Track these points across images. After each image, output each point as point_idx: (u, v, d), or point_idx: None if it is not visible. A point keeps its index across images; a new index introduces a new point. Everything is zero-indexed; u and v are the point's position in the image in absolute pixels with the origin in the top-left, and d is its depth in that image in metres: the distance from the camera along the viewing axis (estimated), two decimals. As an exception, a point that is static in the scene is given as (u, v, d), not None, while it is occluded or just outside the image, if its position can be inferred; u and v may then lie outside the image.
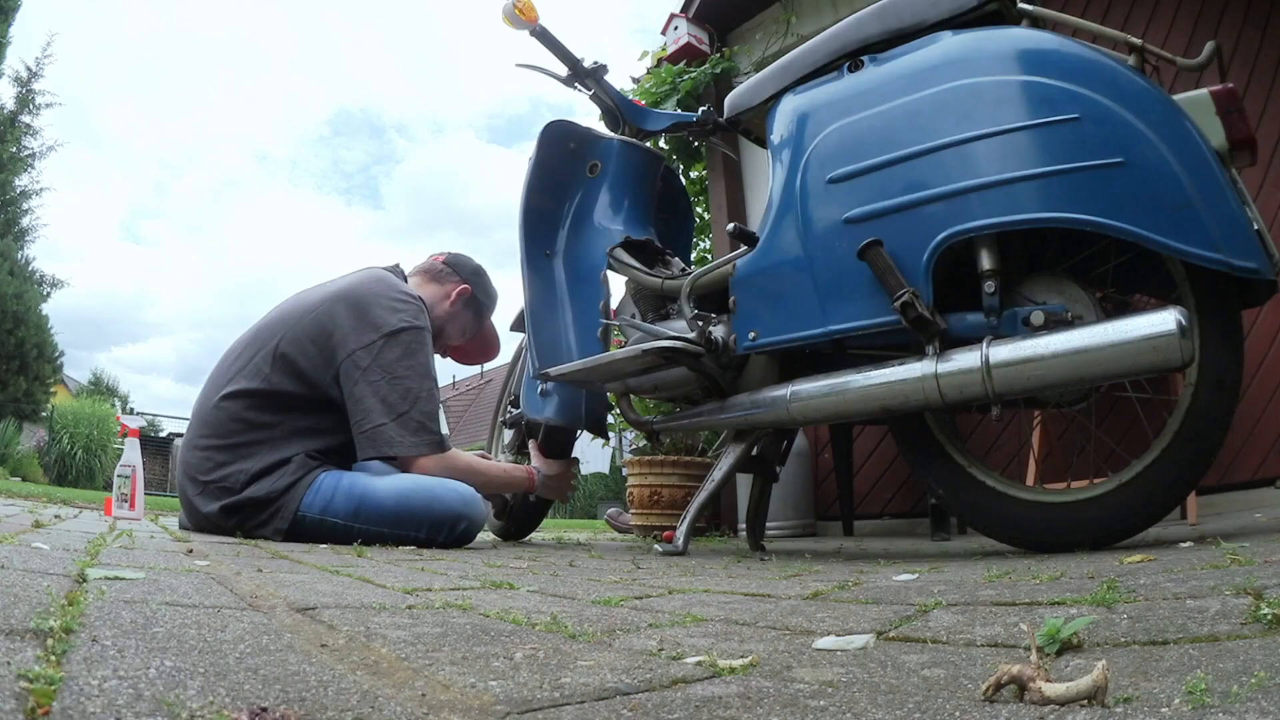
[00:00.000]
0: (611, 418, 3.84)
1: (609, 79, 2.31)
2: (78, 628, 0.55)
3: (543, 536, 3.19)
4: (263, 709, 0.41)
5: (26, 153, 12.43)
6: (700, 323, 1.83)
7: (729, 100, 1.95)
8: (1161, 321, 1.24)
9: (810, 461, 3.47)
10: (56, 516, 2.13)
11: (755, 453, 2.02)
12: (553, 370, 2.01)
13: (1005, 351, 1.38)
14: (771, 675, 0.53)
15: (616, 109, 2.32)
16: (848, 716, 0.43)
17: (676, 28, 4.11)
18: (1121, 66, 1.37)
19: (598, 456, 12.76)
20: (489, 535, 2.76)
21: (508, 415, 2.83)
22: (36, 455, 9.96)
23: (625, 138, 2.27)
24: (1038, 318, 1.43)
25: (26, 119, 12.47)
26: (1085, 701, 0.42)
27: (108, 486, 7.70)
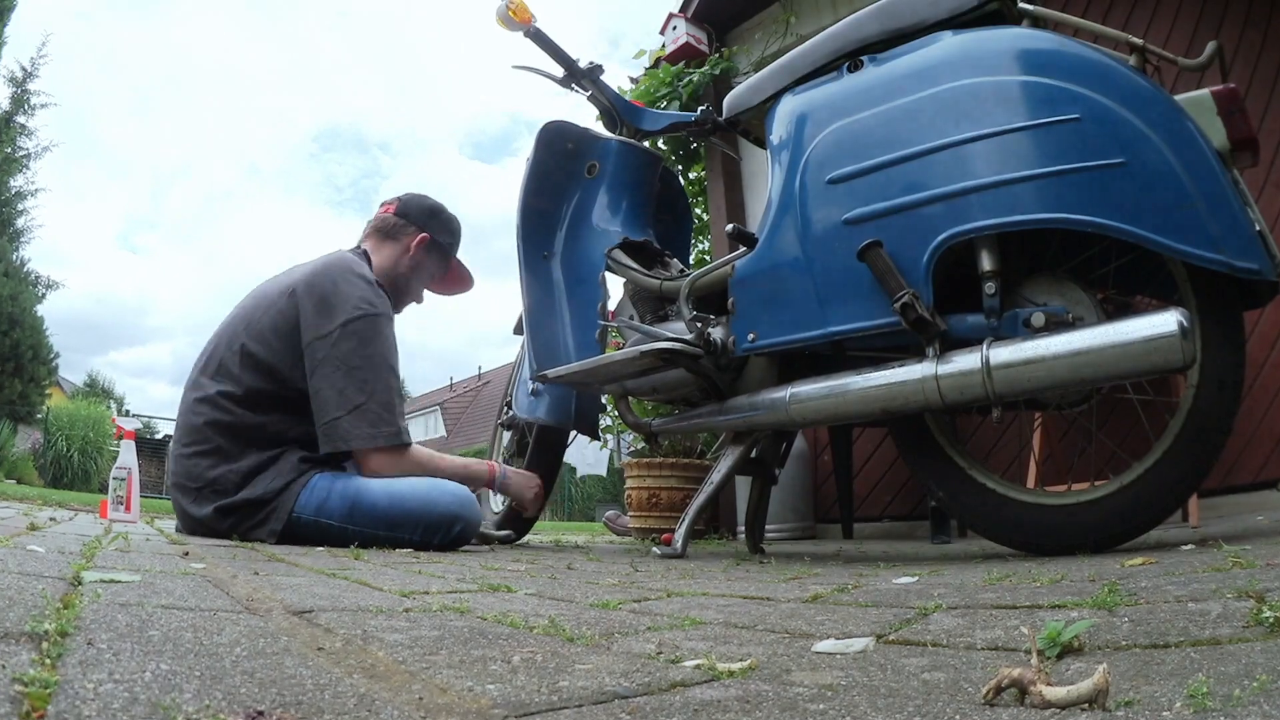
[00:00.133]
0: (609, 419, 3.85)
1: (605, 79, 2.30)
2: (73, 631, 0.55)
3: (540, 539, 3.19)
4: (259, 712, 0.41)
5: (21, 153, 12.41)
6: (699, 324, 1.82)
7: (728, 100, 1.95)
8: (1163, 323, 1.24)
9: (810, 464, 3.46)
10: (52, 519, 2.13)
11: (754, 455, 2.02)
12: (551, 372, 2.01)
13: (1006, 353, 1.38)
14: (770, 679, 0.53)
15: (613, 109, 2.31)
16: (848, 721, 0.43)
17: (675, 27, 4.10)
18: (1123, 67, 1.37)
19: (596, 459, 12.72)
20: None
21: (505, 417, 2.82)
22: (31, 457, 9.95)
23: (623, 138, 2.26)
24: (1038, 319, 1.43)
25: (21, 119, 12.46)
26: (1086, 705, 0.42)
27: (103, 489, 7.69)
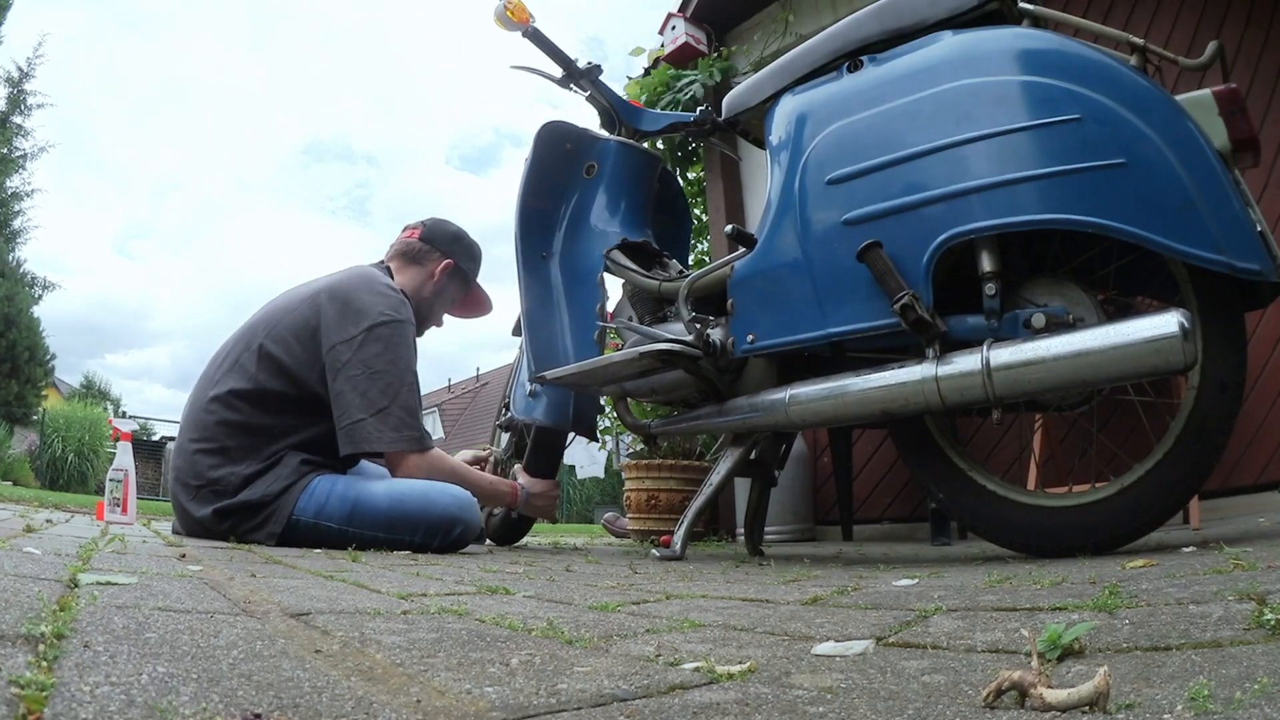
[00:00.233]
0: (608, 421, 3.85)
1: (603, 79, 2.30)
2: (69, 633, 0.54)
3: (539, 541, 3.19)
4: (256, 715, 0.41)
5: (18, 153, 12.38)
6: (698, 325, 1.82)
7: (727, 100, 1.95)
8: (1164, 324, 1.24)
9: (809, 465, 3.46)
10: (48, 521, 2.13)
11: (753, 456, 2.01)
12: (549, 373, 2.00)
13: (1006, 354, 1.38)
14: (770, 681, 0.53)
15: (612, 110, 2.30)
16: (848, 724, 0.43)
17: (674, 27, 4.10)
18: (1123, 67, 1.37)
19: (594, 461, 12.73)
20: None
21: (503, 418, 2.82)
22: (28, 459, 9.93)
23: (622, 138, 2.26)
24: (1039, 320, 1.43)
25: (18, 119, 12.44)
26: (1087, 708, 0.42)
27: (100, 491, 7.68)
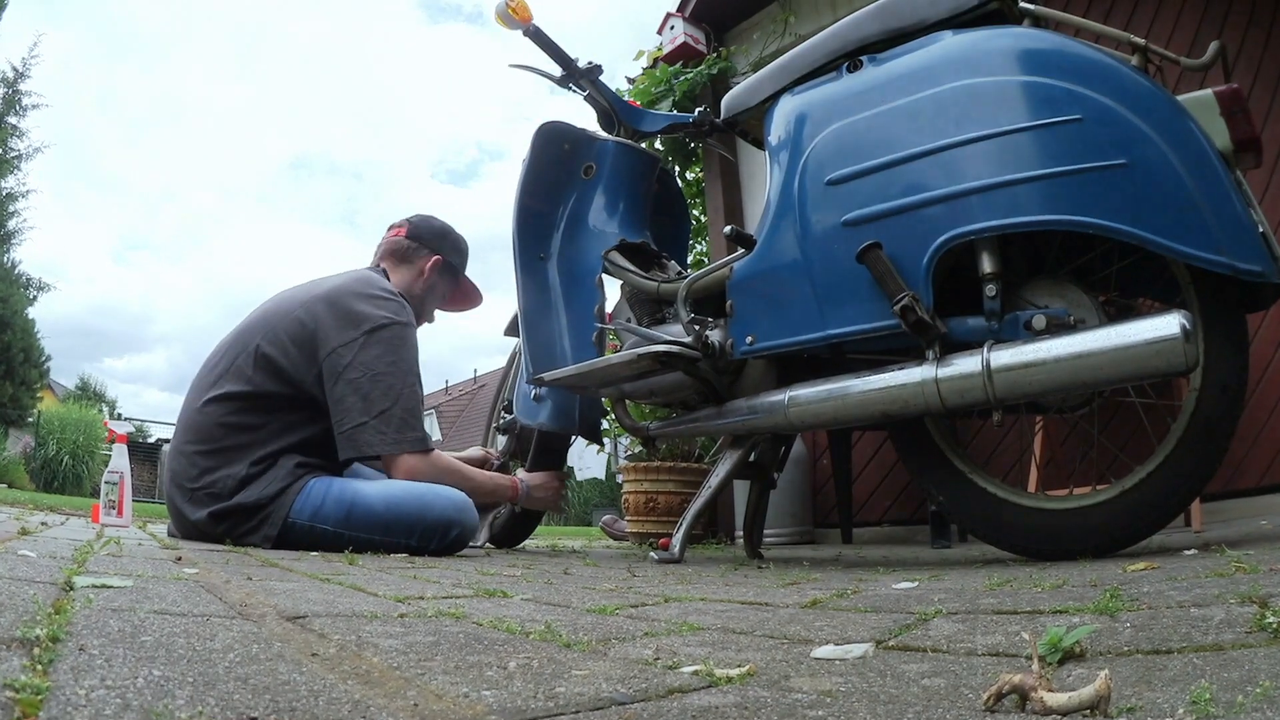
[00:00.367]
0: (606, 423, 3.84)
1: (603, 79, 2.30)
2: (65, 636, 0.54)
3: (537, 544, 3.19)
4: (253, 719, 0.40)
5: (13, 154, 12.33)
6: (697, 327, 1.81)
7: (726, 101, 1.94)
8: (1165, 325, 1.23)
9: (808, 468, 3.46)
10: (43, 523, 2.13)
11: (752, 459, 2.01)
12: (547, 375, 2.00)
13: (1006, 356, 1.38)
14: (769, 685, 0.53)
15: (611, 110, 2.30)
16: (848, 728, 0.43)
17: (673, 27, 4.10)
18: (1125, 67, 1.37)
19: (593, 462, 12.75)
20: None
21: (502, 421, 2.81)
22: (23, 461, 9.89)
23: (620, 139, 2.25)
24: (1039, 322, 1.42)
25: (13, 120, 12.39)
26: (1088, 711, 0.42)
27: (95, 493, 7.67)
